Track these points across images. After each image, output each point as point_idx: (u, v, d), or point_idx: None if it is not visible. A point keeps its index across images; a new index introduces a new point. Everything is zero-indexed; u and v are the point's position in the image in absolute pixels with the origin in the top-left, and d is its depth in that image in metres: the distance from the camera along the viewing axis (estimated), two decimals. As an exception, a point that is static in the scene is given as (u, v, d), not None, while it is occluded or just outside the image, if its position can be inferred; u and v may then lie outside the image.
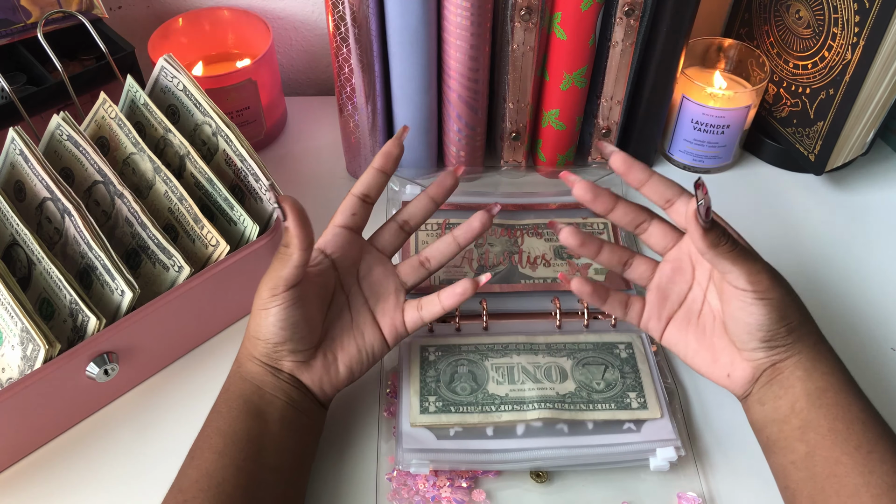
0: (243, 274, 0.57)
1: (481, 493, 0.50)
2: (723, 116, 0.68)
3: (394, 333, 0.51)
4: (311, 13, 0.79)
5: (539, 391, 0.52)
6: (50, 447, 0.53)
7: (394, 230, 0.52)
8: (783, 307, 0.44)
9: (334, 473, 0.51)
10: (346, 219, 0.50)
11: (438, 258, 0.52)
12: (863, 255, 0.66)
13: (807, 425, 0.43)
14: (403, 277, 0.52)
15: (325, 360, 0.49)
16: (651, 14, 0.61)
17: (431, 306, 0.50)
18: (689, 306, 0.49)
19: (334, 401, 0.54)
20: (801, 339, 0.45)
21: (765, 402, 0.46)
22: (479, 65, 0.62)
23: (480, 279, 0.50)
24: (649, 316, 0.50)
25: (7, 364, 0.50)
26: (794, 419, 0.44)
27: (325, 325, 0.50)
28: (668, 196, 0.48)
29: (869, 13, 0.58)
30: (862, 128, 0.65)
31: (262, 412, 0.46)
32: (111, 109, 0.59)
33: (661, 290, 0.49)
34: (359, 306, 0.51)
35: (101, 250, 0.51)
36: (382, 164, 0.51)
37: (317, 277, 0.49)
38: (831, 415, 0.43)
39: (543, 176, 0.72)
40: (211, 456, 0.44)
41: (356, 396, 0.55)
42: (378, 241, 0.52)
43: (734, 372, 0.47)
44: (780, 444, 0.45)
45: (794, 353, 0.45)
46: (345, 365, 0.49)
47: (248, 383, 0.47)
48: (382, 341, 0.51)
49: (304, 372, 0.48)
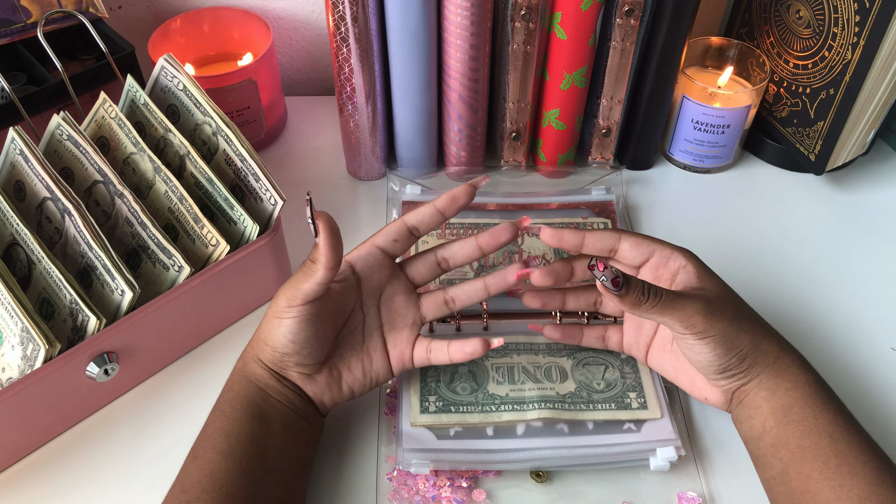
0: (243, 274, 0.57)
1: (481, 493, 0.50)
2: (723, 116, 0.68)
3: (400, 365, 0.50)
4: (311, 13, 0.79)
5: (539, 391, 0.52)
6: (50, 447, 0.53)
7: (431, 264, 0.50)
8: (727, 340, 0.44)
9: (334, 473, 0.51)
10: (388, 243, 0.49)
11: (464, 300, 0.51)
12: (863, 254, 0.66)
13: (778, 443, 0.44)
14: (424, 311, 0.51)
15: (329, 376, 0.49)
16: (651, 14, 0.61)
17: (440, 355, 0.50)
18: (661, 334, 0.51)
19: (334, 401, 0.54)
20: (757, 362, 0.45)
21: (742, 420, 0.47)
22: (479, 65, 0.62)
23: (493, 342, 0.49)
24: (629, 344, 0.53)
25: (7, 364, 0.50)
26: (767, 437, 0.45)
27: (337, 341, 0.49)
28: (609, 245, 0.49)
29: (869, 13, 0.58)
30: (862, 128, 0.65)
31: (265, 415, 0.46)
32: (111, 109, 0.59)
33: (632, 321, 0.52)
34: (373, 330, 0.50)
35: (101, 250, 0.51)
36: (444, 207, 0.48)
37: (337, 295, 0.48)
38: (798, 431, 0.44)
39: (543, 176, 0.72)
40: (215, 457, 0.44)
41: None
42: (410, 269, 0.50)
43: (709, 397, 0.49)
44: (760, 461, 0.46)
45: (753, 377, 0.46)
46: (348, 385, 0.49)
47: (253, 385, 0.47)
48: (388, 369, 0.50)
49: (308, 383, 0.48)
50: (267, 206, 0.57)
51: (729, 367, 0.45)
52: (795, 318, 0.60)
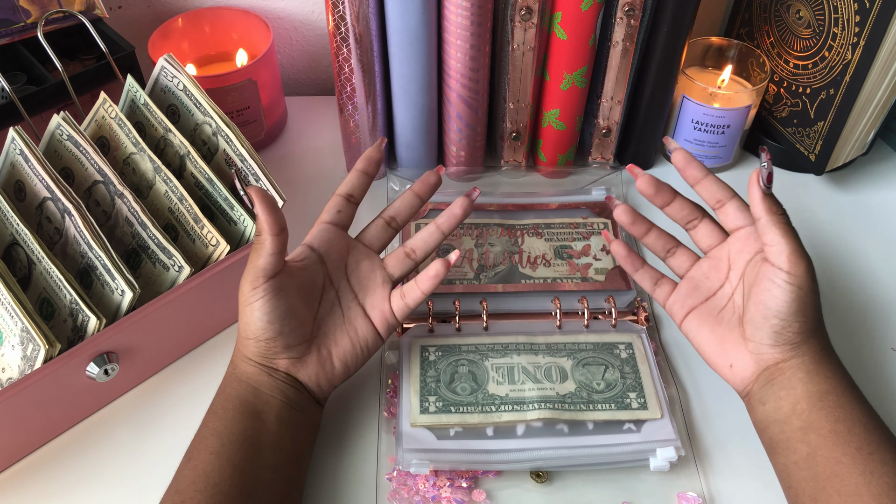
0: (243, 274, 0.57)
1: (481, 494, 0.50)
2: (723, 116, 0.68)
3: (384, 324, 0.51)
4: (311, 13, 0.79)
5: (539, 391, 0.52)
6: (50, 447, 0.53)
7: (380, 226, 0.54)
8: (805, 301, 0.44)
9: (334, 473, 0.51)
10: (332, 216, 0.52)
11: (423, 248, 0.53)
12: (863, 254, 0.66)
13: (808, 426, 0.44)
14: (390, 270, 0.52)
15: (319, 355, 0.49)
16: (651, 14, 0.61)
17: (412, 292, 0.51)
18: (715, 302, 0.50)
19: (334, 401, 0.54)
20: (807, 342, 0.45)
21: (766, 401, 0.46)
22: (479, 65, 0.62)
23: (451, 258, 0.50)
24: (675, 300, 0.51)
25: (7, 364, 0.50)
26: (796, 420, 0.44)
27: (317, 321, 0.50)
28: (720, 197, 0.50)
29: (869, 13, 0.58)
30: (862, 128, 0.65)
31: (258, 412, 0.46)
32: (111, 109, 0.59)
33: (693, 281, 0.51)
34: (349, 301, 0.51)
35: (101, 250, 0.51)
36: (365, 167, 0.53)
37: (301, 271, 0.49)
38: (833, 417, 0.43)
39: (543, 176, 0.72)
40: (207, 456, 0.44)
41: (356, 396, 0.55)
42: (365, 237, 0.53)
43: (737, 363, 0.47)
44: (782, 445, 0.45)
45: (798, 355, 0.45)
46: (339, 359, 0.50)
47: (244, 384, 0.47)
48: (375, 333, 0.51)
49: (300, 369, 0.49)
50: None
51: (788, 329, 0.45)
52: (795, 319, 0.60)
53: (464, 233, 0.64)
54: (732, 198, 0.49)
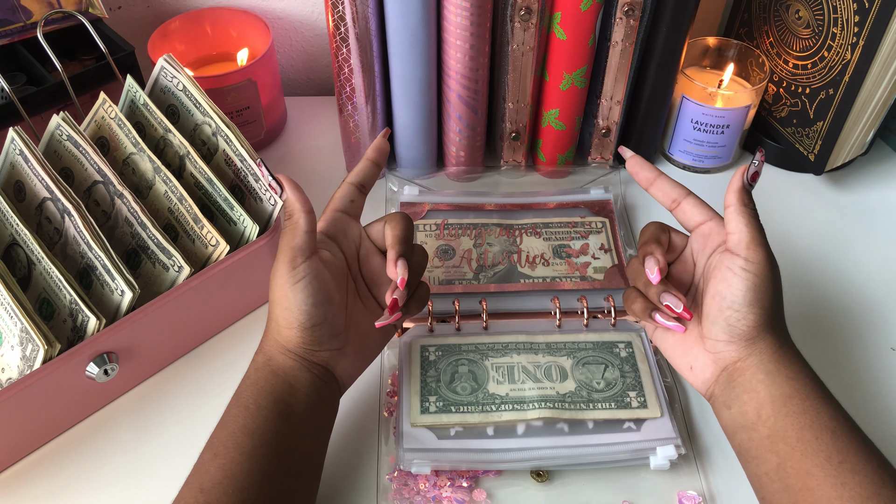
0: (243, 274, 0.57)
1: (482, 493, 0.50)
2: (723, 116, 0.68)
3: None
4: (311, 13, 0.79)
5: (539, 391, 0.52)
6: (50, 447, 0.53)
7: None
8: (762, 291, 0.44)
9: (334, 473, 0.51)
10: (346, 205, 0.50)
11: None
12: (862, 254, 0.66)
13: (775, 435, 0.43)
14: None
15: (354, 346, 0.48)
16: (651, 14, 0.61)
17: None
18: None
19: (335, 401, 0.54)
20: (763, 339, 0.44)
21: (731, 405, 0.45)
22: (479, 65, 0.62)
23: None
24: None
25: (7, 364, 0.50)
26: (762, 427, 0.43)
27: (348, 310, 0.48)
28: (675, 196, 0.50)
29: (868, 13, 0.58)
30: (862, 128, 0.65)
31: (290, 413, 0.44)
32: (111, 109, 0.59)
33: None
34: (365, 291, 0.50)
35: (101, 250, 0.51)
36: (376, 157, 0.52)
37: (328, 256, 0.48)
38: (798, 424, 0.42)
39: (543, 176, 0.72)
40: (238, 457, 0.42)
41: (356, 396, 0.55)
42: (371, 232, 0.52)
43: (696, 363, 0.47)
44: (751, 454, 0.44)
45: (754, 353, 0.44)
46: (370, 349, 0.49)
47: (280, 380, 0.45)
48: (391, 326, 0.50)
49: (339, 360, 0.47)
50: (267, 206, 0.57)
51: (742, 320, 0.44)
52: (795, 318, 0.60)
53: (462, 233, 0.64)
54: (688, 196, 0.49)
